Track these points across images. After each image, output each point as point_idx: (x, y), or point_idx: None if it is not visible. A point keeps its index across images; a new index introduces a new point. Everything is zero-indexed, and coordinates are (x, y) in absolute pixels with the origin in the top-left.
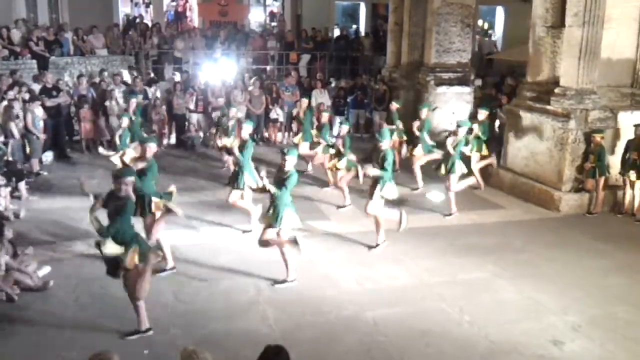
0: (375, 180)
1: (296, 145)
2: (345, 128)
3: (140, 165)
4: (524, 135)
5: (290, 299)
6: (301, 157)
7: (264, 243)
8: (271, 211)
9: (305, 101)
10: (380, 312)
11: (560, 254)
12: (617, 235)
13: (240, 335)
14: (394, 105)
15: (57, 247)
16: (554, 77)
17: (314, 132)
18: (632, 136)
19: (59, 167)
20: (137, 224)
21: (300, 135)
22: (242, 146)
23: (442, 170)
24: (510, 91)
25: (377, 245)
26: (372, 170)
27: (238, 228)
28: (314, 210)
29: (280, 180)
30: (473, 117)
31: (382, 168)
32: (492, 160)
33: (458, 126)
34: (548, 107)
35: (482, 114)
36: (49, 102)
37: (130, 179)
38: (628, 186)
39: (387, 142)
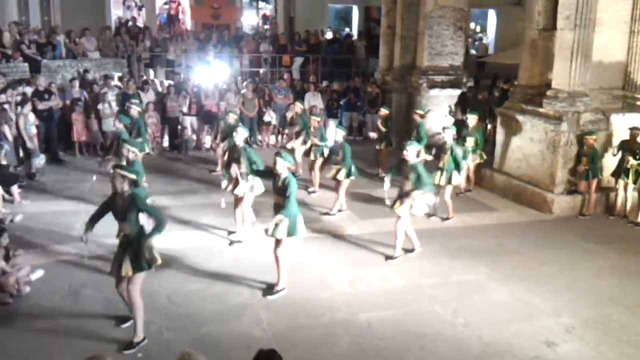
0: (403, 194)
1: (292, 150)
2: (341, 133)
3: None
4: (517, 138)
5: (284, 302)
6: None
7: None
8: (282, 223)
9: (299, 105)
10: (374, 314)
11: (553, 255)
12: (609, 237)
13: (234, 338)
14: (383, 112)
15: (50, 250)
16: (546, 79)
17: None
18: (624, 137)
19: (52, 171)
20: None
21: (300, 139)
22: (237, 152)
23: (441, 181)
24: (501, 94)
25: (413, 250)
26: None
27: (231, 231)
28: (306, 213)
29: (279, 188)
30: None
31: (417, 186)
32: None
33: (444, 128)
34: (540, 109)
35: (473, 119)
36: (41, 105)
37: (123, 172)
38: (621, 188)
39: (413, 153)
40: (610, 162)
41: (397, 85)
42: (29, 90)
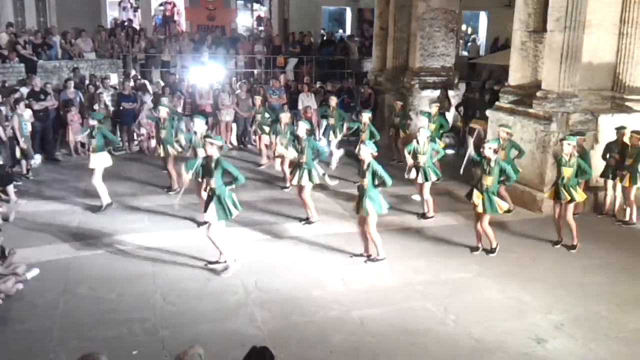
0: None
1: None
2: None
3: None
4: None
5: (278, 300)
6: None
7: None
8: (364, 203)
9: (334, 99)
10: (366, 311)
11: (543, 253)
12: (598, 235)
13: (228, 336)
14: (399, 104)
15: (45, 249)
16: (536, 80)
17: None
18: (612, 138)
19: (47, 170)
20: None
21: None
22: (300, 144)
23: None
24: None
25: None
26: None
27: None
28: (301, 212)
29: (363, 172)
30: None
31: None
32: None
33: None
34: (530, 110)
35: (504, 133)
36: (37, 106)
37: (217, 142)
38: (610, 187)
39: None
40: (599, 162)
41: (389, 86)
42: (24, 90)
